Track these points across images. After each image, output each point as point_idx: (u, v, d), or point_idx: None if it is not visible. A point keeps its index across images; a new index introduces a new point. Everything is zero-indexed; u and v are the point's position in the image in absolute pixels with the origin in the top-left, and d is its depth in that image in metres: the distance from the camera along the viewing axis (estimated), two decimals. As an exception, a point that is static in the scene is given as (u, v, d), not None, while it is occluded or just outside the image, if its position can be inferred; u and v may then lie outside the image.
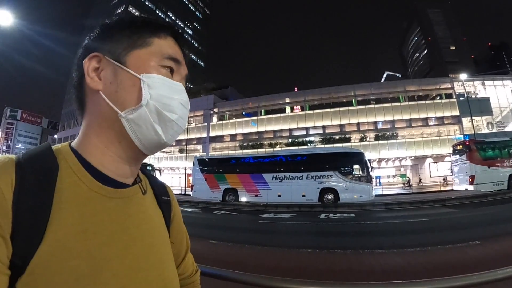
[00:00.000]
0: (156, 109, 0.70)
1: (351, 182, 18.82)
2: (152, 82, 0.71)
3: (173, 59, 0.77)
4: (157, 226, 0.82)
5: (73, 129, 71.46)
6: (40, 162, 0.65)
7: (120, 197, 0.72)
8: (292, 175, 20.13)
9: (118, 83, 0.71)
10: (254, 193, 21.03)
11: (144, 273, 0.70)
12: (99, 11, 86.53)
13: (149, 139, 0.72)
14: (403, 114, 44.51)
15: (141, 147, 0.73)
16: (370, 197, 18.65)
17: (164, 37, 0.77)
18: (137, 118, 0.70)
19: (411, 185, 35.05)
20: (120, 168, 0.74)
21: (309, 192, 19.31)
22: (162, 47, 0.76)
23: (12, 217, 0.55)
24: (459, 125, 42.17)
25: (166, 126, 0.72)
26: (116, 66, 0.72)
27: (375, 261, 6.15)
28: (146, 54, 0.73)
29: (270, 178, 20.65)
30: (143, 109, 0.69)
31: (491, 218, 11.04)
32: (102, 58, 0.73)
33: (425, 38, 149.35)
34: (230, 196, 21.56)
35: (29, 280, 0.54)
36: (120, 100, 0.70)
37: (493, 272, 1.55)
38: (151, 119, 0.70)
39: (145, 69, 0.72)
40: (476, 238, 7.32)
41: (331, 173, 19.25)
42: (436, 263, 5.71)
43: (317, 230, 11.38)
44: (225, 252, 7.34)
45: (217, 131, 52.89)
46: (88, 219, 0.64)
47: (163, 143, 0.74)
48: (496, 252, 6.02)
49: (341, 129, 46.65)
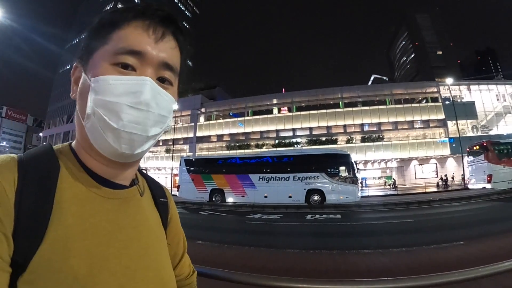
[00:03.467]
0: (101, 117, 0.64)
1: (337, 183, 18.91)
2: (98, 86, 0.65)
3: (128, 52, 0.67)
4: (154, 227, 0.82)
5: (59, 127, 70.52)
6: (42, 162, 0.65)
7: (117, 198, 0.73)
8: (278, 176, 20.18)
9: (80, 91, 0.69)
10: (241, 194, 21.03)
11: (141, 272, 0.70)
12: (88, 7, 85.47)
13: (107, 148, 0.67)
14: (389, 117, 45.00)
15: (105, 155, 0.69)
16: (356, 198, 18.77)
17: (123, 27, 0.69)
18: (90, 127, 0.66)
19: (397, 186, 35.37)
20: (108, 172, 0.73)
21: (296, 193, 19.35)
22: (116, 41, 0.67)
23: (14, 215, 0.56)
24: (444, 128, 42.83)
25: (114, 135, 0.65)
26: (82, 72, 0.70)
27: (361, 261, 6.20)
28: (101, 54, 0.68)
29: (257, 179, 20.69)
30: (91, 118, 0.65)
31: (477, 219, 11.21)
32: (79, 67, 0.72)
33: (412, 43, 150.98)
34: (216, 196, 21.51)
35: (30, 278, 0.55)
36: (81, 108, 0.69)
37: (475, 270, 1.59)
38: (99, 129, 0.65)
39: (95, 71, 0.66)
40: (461, 238, 7.45)
41: (318, 174, 19.30)
42: (421, 263, 5.78)
43: (304, 230, 11.41)
44: (212, 252, 7.32)
45: (204, 131, 52.77)
46: (87, 219, 0.64)
47: (120, 153, 0.67)
48: (480, 251, 6.13)
49: (327, 131, 46.95)
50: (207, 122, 53.78)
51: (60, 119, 72.60)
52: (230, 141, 50.98)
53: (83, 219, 0.63)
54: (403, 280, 1.59)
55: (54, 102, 77.54)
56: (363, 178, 34.41)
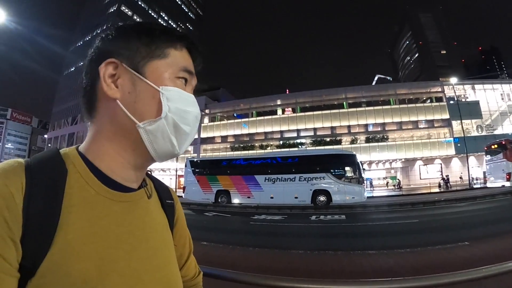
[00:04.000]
0: (174, 121, 0.72)
1: (343, 183, 18.80)
2: (170, 95, 0.72)
3: (188, 71, 0.78)
4: (161, 229, 0.83)
5: (64, 129, 70.78)
6: (49, 166, 0.65)
7: (126, 201, 0.73)
8: (284, 177, 20.11)
9: (137, 93, 0.71)
10: (247, 195, 20.94)
11: (149, 274, 0.71)
12: (92, 10, 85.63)
13: (164, 149, 0.74)
14: (393, 117, 44.89)
15: (154, 156, 0.74)
16: (362, 199, 18.69)
17: (180, 48, 0.78)
18: (155, 130, 0.71)
19: (401, 187, 35.26)
20: (129, 174, 0.76)
21: (302, 194, 19.26)
22: (179, 59, 0.77)
23: (23, 221, 0.56)
24: (449, 128, 42.66)
25: (181, 138, 0.74)
26: (135, 76, 0.72)
27: (366, 262, 6.19)
28: (164, 66, 0.74)
29: (263, 179, 20.60)
30: (162, 121, 0.71)
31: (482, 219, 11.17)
32: (119, 65, 0.72)
33: (416, 42, 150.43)
34: (222, 197, 21.44)
35: (39, 282, 0.55)
36: (139, 111, 0.71)
37: (478, 270, 1.60)
38: (168, 131, 0.72)
39: (162, 81, 0.73)
40: (466, 239, 7.43)
41: (324, 174, 19.21)
42: (426, 263, 5.77)
43: (308, 231, 11.42)
44: (217, 253, 7.33)
45: (208, 133, 52.82)
46: (96, 222, 0.65)
47: (176, 153, 0.75)
48: (484, 252, 6.11)
49: (332, 131, 46.86)
50: (211, 123, 53.87)
51: (65, 121, 72.83)
52: (235, 142, 51.04)
53: (92, 222, 0.64)
54: (407, 281, 1.60)
55: (58, 104, 77.77)
56: (368, 179, 34.31)
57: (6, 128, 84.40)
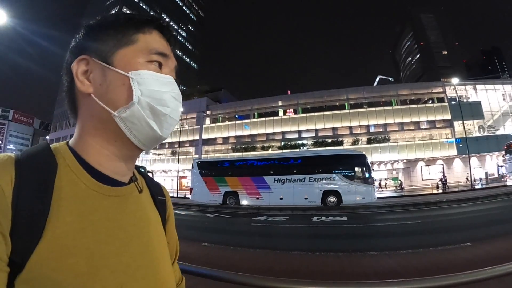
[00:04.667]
0: (149, 104, 0.71)
1: (353, 184, 18.68)
2: (141, 78, 0.71)
3: (160, 54, 0.76)
4: (154, 224, 0.82)
5: (65, 130, 70.84)
6: (39, 160, 0.65)
7: (116, 195, 0.73)
8: (294, 178, 19.96)
9: (108, 83, 0.71)
10: (256, 196, 20.72)
11: (141, 270, 0.70)
12: (93, 11, 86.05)
13: (145, 135, 0.73)
14: (395, 118, 44.80)
15: (137, 143, 0.73)
16: (372, 199, 18.54)
17: (149, 31, 0.77)
18: (130, 116, 0.70)
19: (403, 188, 35.21)
20: (117, 166, 0.75)
21: (312, 195, 19.15)
22: (148, 43, 0.75)
23: (12, 214, 0.56)
24: (451, 129, 42.55)
25: (160, 120, 0.73)
26: (104, 67, 0.72)
27: (367, 263, 6.18)
28: (133, 52, 0.73)
29: (272, 180, 20.41)
30: (135, 106, 0.70)
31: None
32: (90, 60, 0.73)
33: (417, 43, 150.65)
34: (230, 199, 21.23)
35: (28, 277, 0.54)
36: (112, 100, 0.71)
37: (482, 271, 1.58)
38: (144, 116, 0.71)
39: (133, 66, 0.72)
40: (468, 240, 7.40)
41: (334, 175, 19.10)
42: (428, 265, 5.75)
43: (310, 232, 11.40)
44: (218, 255, 7.33)
45: (209, 134, 52.81)
46: (86, 217, 0.64)
47: (158, 137, 0.74)
48: (487, 253, 6.08)
49: (333, 132, 46.79)
50: (213, 125, 53.86)
51: (66, 122, 72.91)
52: (236, 143, 51.03)
53: (82, 216, 0.63)
54: (409, 282, 1.59)
55: (60, 105, 78.00)
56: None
57: (8, 129, 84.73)
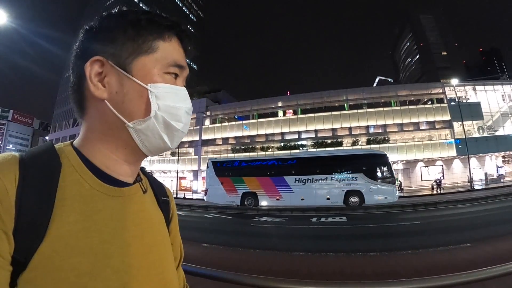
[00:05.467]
0: (164, 119, 0.70)
1: (376, 184, 18.55)
2: (159, 92, 0.70)
3: (178, 66, 0.75)
4: (157, 225, 0.81)
5: (65, 131, 70.88)
6: (43, 160, 0.65)
7: (121, 195, 0.72)
8: (316, 178, 19.55)
9: (125, 93, 0.69)
10: (276, 197, 20.15)
11: (144, 271, 0.70)
12: (93, 12, 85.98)
13: (155, 146, 0.73)
14: (394, 119, 44.77)
15: (146, 152, 0.74)
16: (394, 199, 18.32)
17: (169, 39, 0.74)
18: (145, 129, 0.70)
19: (403, 188, 35.19)
20: (123, 169, 0.74)
21: (334, 195, 18.93)
22: (168, 53, 0.73)
23: (15, 213, 0.55)
24: (450, 130, 42.53)
25: (172, 135, 0.73)
26: (122, 74, 0.69)
27: (367, 264, 6.18)
28: (152, 62, 0.71)
29: (293, 181, 19.86)
30: (151, 120, 0.69)
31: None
32: (105, 62, 0.69)
33: (417, 44, 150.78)
34: (249, 200, 20.59)
35: (31, 276, 0.54)
36: (128, 111, 0.69)
37: (482, 271, 1.58)
38: (158, 129, 0.71)
39: (151, 78, 0.70)
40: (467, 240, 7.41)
41: (356, 175, 18.85)
42: (427, 265, 5.75)
43: (309, 233, 11.40)
44: (217, 255, 7.33)
45: (209, 135, 52.72)
46: (90, 216, 0.64)
47: (168, 148, 0.75)
48: (486, 253, 6.08)
49: (333, 133, 46.74)
50: (212, 125, 53.79)
51: (66, 123, 73.00)
52: (236, 144, 50.96)
53: (86, 216, 0.63)
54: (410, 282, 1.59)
55: (60, 105, 78.05)
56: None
57: (7, 130, 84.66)
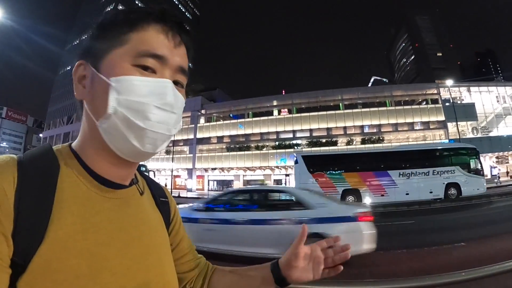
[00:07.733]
0: (124, 116, 0.64)
1: (470, 176, 18.69)
2: (121, 86, 0.64)
3: (151, 55, 0.67)
4: (156, 226, 0.81)
5: (59, 128, 70.59)
6: (42, 162, 0.64)
7: (118, 197, 0.72)
8: (419, 171, 19.01)
9: (94, 90, 0.67)
10: (380, 193, 19.17)
11: (143, 273, 0.69)
12: (88, 9, 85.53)
13: (125, 148, 0.67)
14: (389, 119, 45.04)
15: (121, 155, 0.69)
16: (484, 190, 18.69)
17: (143, 28, 0.68)
18: (109, 128, 0.66)
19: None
20: (114, 171, 0.72)
21: (436, 188, 18.59)
22: (138, 43, 0.67)
23: (14, 215, 0.55)
24: (445, 130, 42.84)
25: (139, 135, 0.65)
26: (94, 72, 0.67)
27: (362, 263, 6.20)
28: (120, 55, 0.66)
29: (397, 175, 19.06)
30: (112, 118, 0.64)
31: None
32: (86, 65, 0.70)
33: (412, 44, 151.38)
34: (349, 198, 19.24)
35: (31, 278, 0.54)
36: (96, 108, 0.67)
37: (476, 270, 1.60)
38: (121, 129, 0.65)
39: (118, 71, 0.65)
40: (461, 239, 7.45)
41: (454, 168, 18.88)
42: (422, 264, 5.78)
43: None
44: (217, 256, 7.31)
45: (204, 133, 52.83)
46: (88, 219, 0.63)
47: (141, 152, 0.68)
48: (481, 253, 6.12)
49: (328, 132, 46.94)
50: (207, 124, 53.85)
51: (60, 120, 72.66)
52: (230, 142, 51.04)
53: (84, 218, 0.63)
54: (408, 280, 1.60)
55: (54, 103, 77.63)
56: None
57: (1, 127, 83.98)
